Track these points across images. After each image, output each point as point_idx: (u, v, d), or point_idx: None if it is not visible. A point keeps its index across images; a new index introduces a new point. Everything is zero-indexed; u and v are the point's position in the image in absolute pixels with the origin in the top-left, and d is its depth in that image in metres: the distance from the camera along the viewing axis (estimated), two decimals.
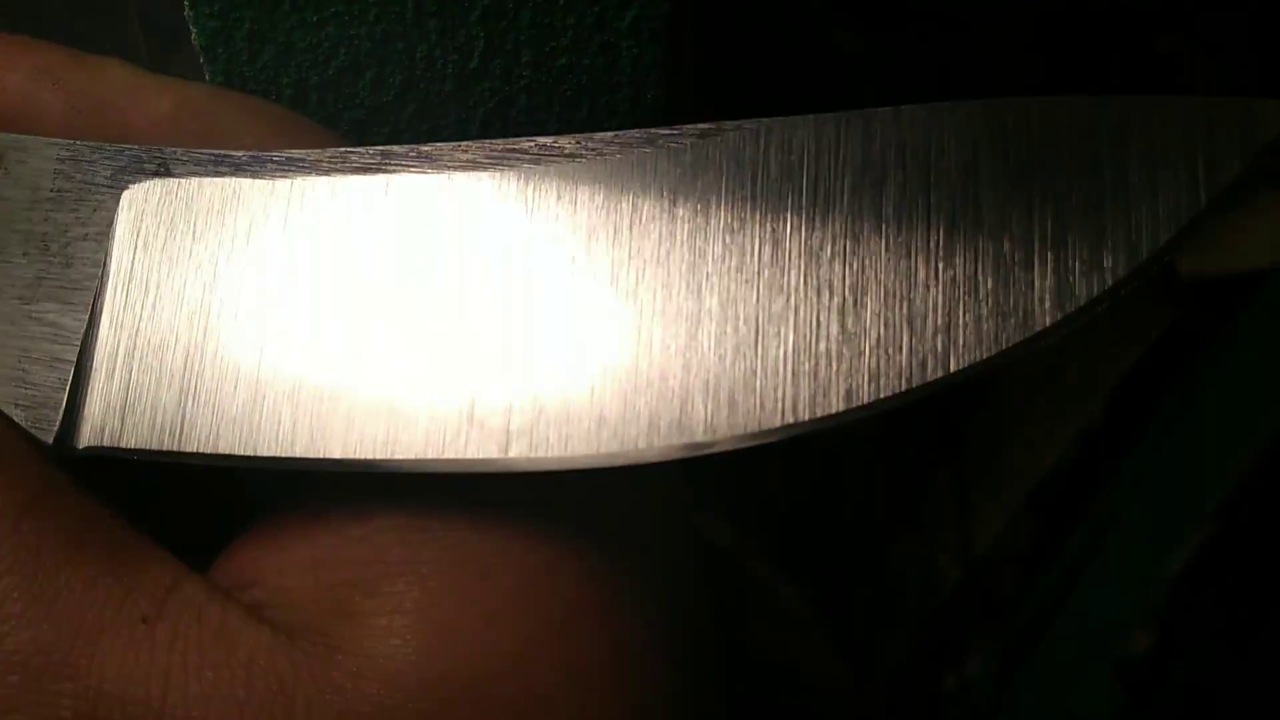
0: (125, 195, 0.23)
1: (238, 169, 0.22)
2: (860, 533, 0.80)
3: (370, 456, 0.20)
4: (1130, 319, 0.65)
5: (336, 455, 0.20)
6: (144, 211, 0.22)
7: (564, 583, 0.21)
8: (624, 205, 0.20)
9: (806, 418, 0.19)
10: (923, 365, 0.19)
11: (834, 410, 0.19)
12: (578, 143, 0.21)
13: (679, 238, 0.20)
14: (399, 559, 0.21)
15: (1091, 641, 0.76)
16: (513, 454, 0.20)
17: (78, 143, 0.23)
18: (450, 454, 0.20)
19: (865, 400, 0.19)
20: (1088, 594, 0.75)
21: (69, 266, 0.22)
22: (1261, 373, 0.68)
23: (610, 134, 0.21)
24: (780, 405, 0.19)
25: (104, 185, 0.23)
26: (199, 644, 0.20)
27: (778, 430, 0.19)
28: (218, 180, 0.22)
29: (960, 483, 0.73)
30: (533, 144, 0.21)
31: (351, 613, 0.21)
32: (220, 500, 0.24)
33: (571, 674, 0.21)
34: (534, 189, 0.21)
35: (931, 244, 0.19)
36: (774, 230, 0.20)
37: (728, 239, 0.20)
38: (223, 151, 0.22)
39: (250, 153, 0.22)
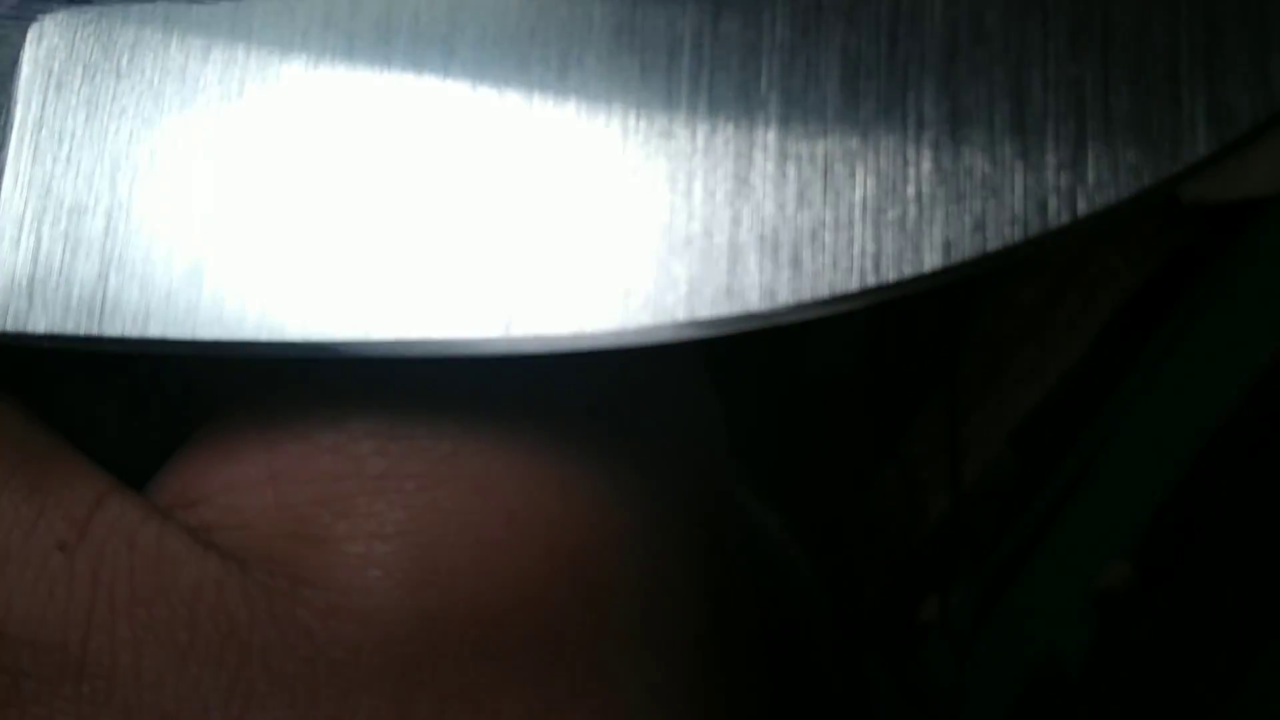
0: (33, 28, 0.18)
1: None
2: (847, 465, 0.78)
3: (338, 337, 0.16)
4: (1129, 248, 0.63)
5: (295, 337, 0.16)
6: (56, 47, 0.18)
7: (578, 504, 0.17)
8: (653, 16, 0.16)
9: (893, 278, 0.15)
10: (1042, 208, 0.15)
11: (928, 268, 0.15)
12: None
13: (723, 51, 0.16)
14: (378, 473, 0.17)
15: (1070, 574, 0.75)
16: (516, 332, 0.16)
17: None
18: (439, 333, 0.16)
19: (968, 254, 0.15)
20: (1068, 528, 0.74)
21: None
22: (1248, 310, 0.66)
23: None
24: (859, 263, 0.15)
25: (7, 16, 0.19)
26: (130, 575, 0.17)
27: (857, 295, 0.15)
28: (146, 6, 0.18)
29: (950, 418, 0.71)
30: None
31: (320, 537, 0.17)
32: (158, 404, 0.20)
33: (588, 610, 0.17)
34: None
35: (1049, 54, 0.15)
36: (845, 47, 0.16)
37: (786, 57, 0.16)
38: None
39: None
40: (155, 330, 0.17)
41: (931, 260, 0.15)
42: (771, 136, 0.15)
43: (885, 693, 0.78)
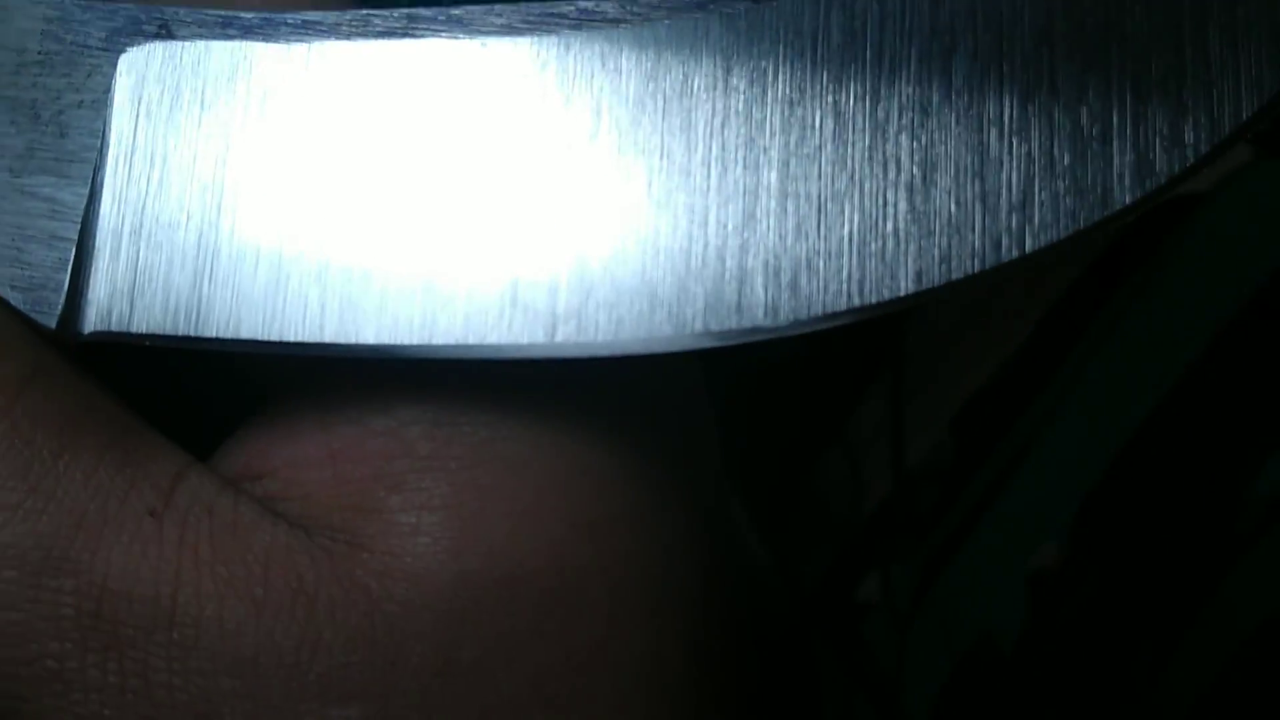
0: (123, 59, 0.21)
1: (248, 32, 0.21)
2: (792, 447, 0.80)
3: (406, 341, 0.19)
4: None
5: (370, 341, 0.19)
6: (145, 77, 0.21)
7: (596, 483, 0.20)
8: (674, 74, 0.19)
9: (874, 300, 0.18)
10: (997, 245, 0.18)
11: (903, 293, 0.18)
12: (622, 7, 0.19)
13: (734, 109, 0.19)
14: (426, 453, 0.20)
15: (1005, 555, 0.78)
16: (559, 338, 0.18)
17: (66, 1, 0.21)
18: (493, 339, 0.19)
19: (936, 282, 0.18)
20: (1003, 511, 0.77)
21: (63, 136, 0.21)
22: (1180, 304, 0.69)
23: None
24: (846, 287, 0.18)
25: (98, 48, 0.21)
26: (210, 538, 0.19)
27: (844, 313, 0.18)
28: (226, 44, 0.21)
29: (895, 402, 0.73)
30: (573, 8, 0.20)
31: (375, 509, 0.20)
32: (221, 386, 0.23)
33: (604, 577, 0.20)
34: (575, 56, 0.20)
35: (1005, 117, 0.18)
36: (836, 102, 0.19)
37: (787, 111, 0.19)
38: (230, 12, 0.21)
39: (261, 14, 0.21)
40: (245, 333, 0.19)
41: (906, 287, 0.18)
42: (774, 178, 0.19)
43: (828, 669, 0.81)
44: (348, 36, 0.20)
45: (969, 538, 0.80)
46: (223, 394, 0.23)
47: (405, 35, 0.20)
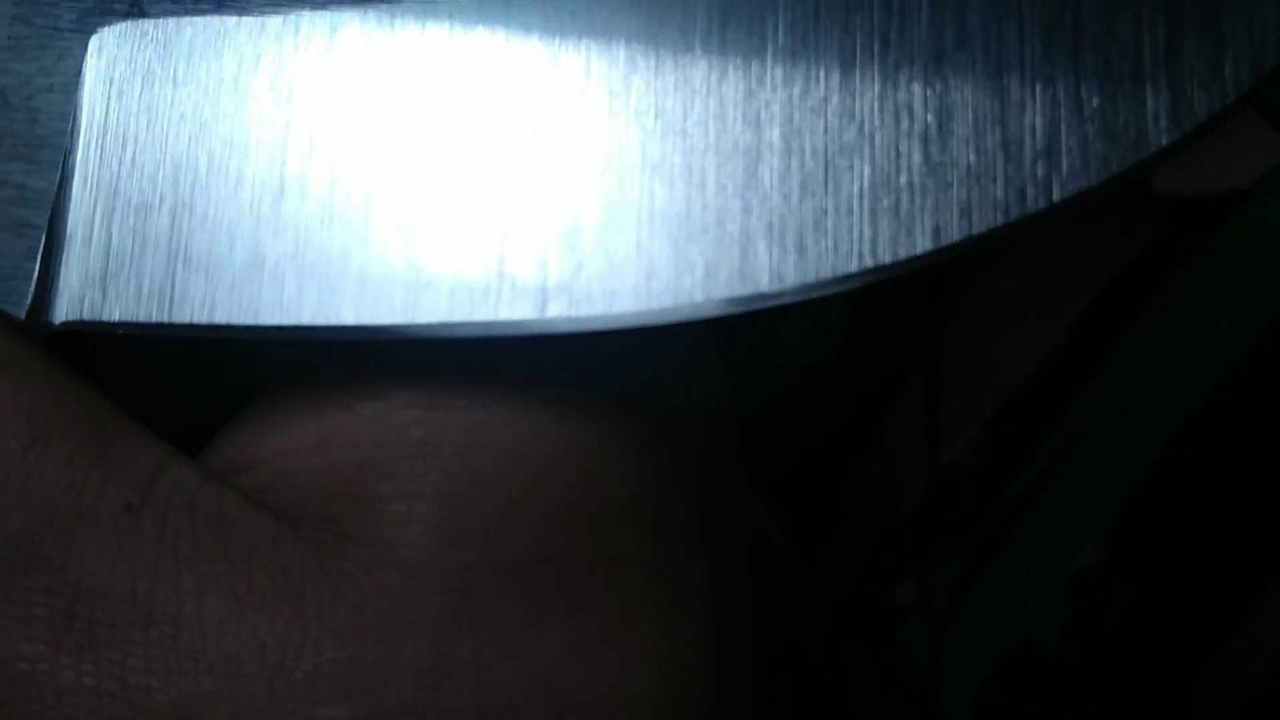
0: (93, 40, 0.20)
1: (220, 5, 0.20)
2: (827, 449, 0.79)
3: (389, 321, 0.18)
4: (1105, 239, 0.64)
5: (350, 321, 0.18)
6: (116, 57, 0.20)
7: (603, 473, 0.19)
8: (669, 30, 0.18)
9: (889, 260, 0.16)
10: (1021, 195, 0.16)
11: (920, 250, 0.16)
12: None
13: (732, 64, 0.18)
14: (417, 439, 0.19)
15: (1044, 558, 0.77)
16: (551, 313, 0.17)
17: None
18: (480, 316, 0.17)
19: (956, 237, 0.16)
20: (1044, 512, 0.76)
21: (34, 122, 0.20)
22: (1221, 302, 0.67)
23: None
24: (858, 247, 0.17)
25: (69, 30, 0.20)
26: (191, 533, 0.18)
27: (856, 275, 0.17)
28: (198, 19, 0.20)
29: (929, 403, 0.72)
30: None
31: (364, 497, 0.19)
32: (209, 379, 0.22)
33: (608, 564, 0.19)
34: (564, 16, 0.18)
35: (1026, 59, 0.17)
36: (842, 50, 0.17)
37: (789, 63, 0.17)
38: None
39: None
40: (221, 317, 0.18)
41: (923, 243, 0.16)
42: (776, 133, 0.17)
43: (863, 672, 0.79)
44: (323, 5, 0.19)
45: (1008, 540, 0.79)
46: (213, 386, 0.22)
47: (381, 1, 0.19)
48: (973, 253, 0.16)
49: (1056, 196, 0.16)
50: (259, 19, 0.19)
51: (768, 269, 0.17)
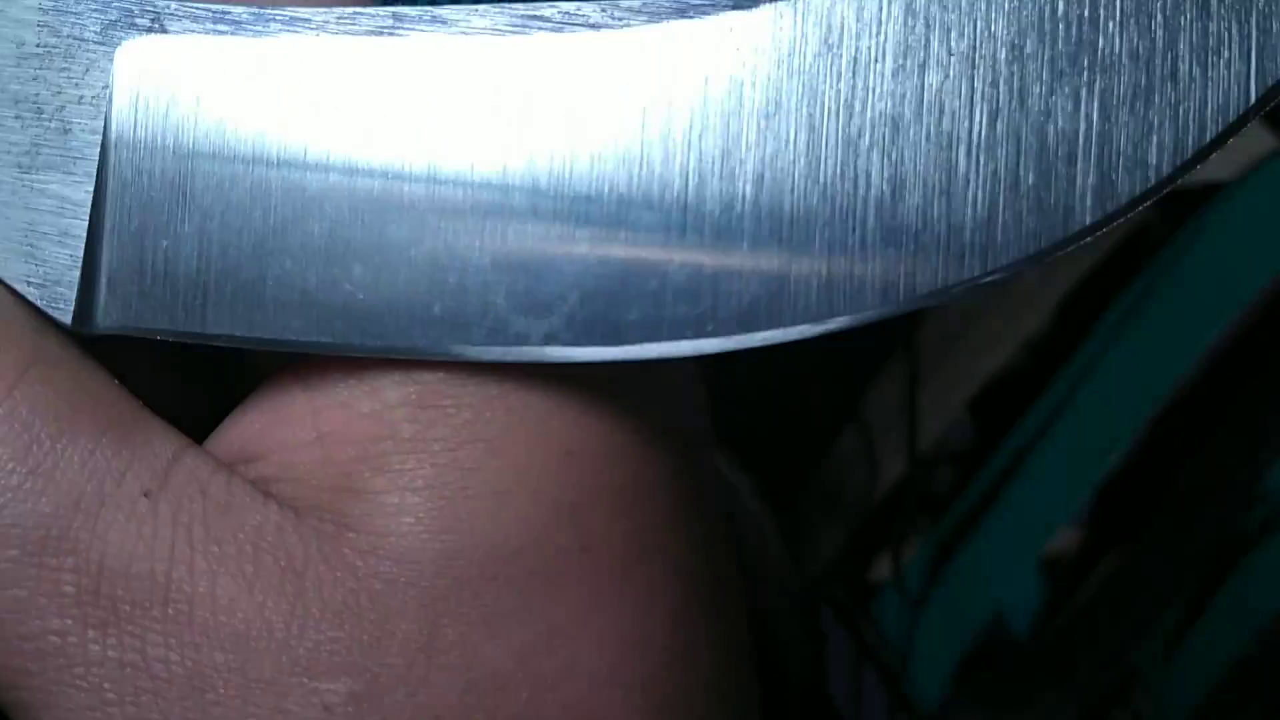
0: (119, 55, 0.21)
1: (238, 27, 0.21)
2: (810, 426, 0.81)
3: (416, 345, 0.19)
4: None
5: (368, 342, 0.19)
6: (141, 73, 0.21)
7: (578, 466, 0.21)
8: (651, 80, 0.20)
9: (842, 315, 0.18)
10: (960, 263, 0.18)
11: (869, 308, 0.18)
12: (603, 11, 0.20)
13: (711, 118, 0.19)
14: (409, 435, 0.20)
15: (1020, 538, 0.78)
16: (550, 351, 0.19)
17: None
18: (498, 344, 0.19)
19: (900, 299, 0.18)
20: (1021, 493, 0.77)
21: (67, 133, 0.21)
22: (1199, 289, 0.68)
23: (639, 2, 0.20)
24: (814, 301, 0.18)
25: (94, 41, 0.21)
26: (204, 518, 0.20)
27: (815, 327, 0.18)
28: (217, 39, 0.21)
29: (910, 382, 0.74)
30: (555, 11, 0.20)
31: (361, 490, 0.20)
32: (210, 367, 0.23)
33: (584, 553, 0.21)
34: (555, 60, 0.20)
35: (975, 135, 0.19)
36: (810, 115, 0.19)
37: (763, 123, 0.19)
38: (221, 7, 0.21)
39: (251, 9, 0.21)
40: (252, 330, 0.20)
41: (873, 301, 0.18)
42: (749, 191, 0.19)
43: (839, 647, 0.81)
44: (335, 34, 0.21)
45: (984, 520, 0.80)
46: (219, 371, 0.23)
47: (391, 34, 0.21)
48: (913, 310, 0.18)
49: (990, 265, 0.18)
50: (278, 39, 0.21)
51: (737, 317, 0.19)
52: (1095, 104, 0.18)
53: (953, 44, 0.19)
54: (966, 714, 0.83)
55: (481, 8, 0.20)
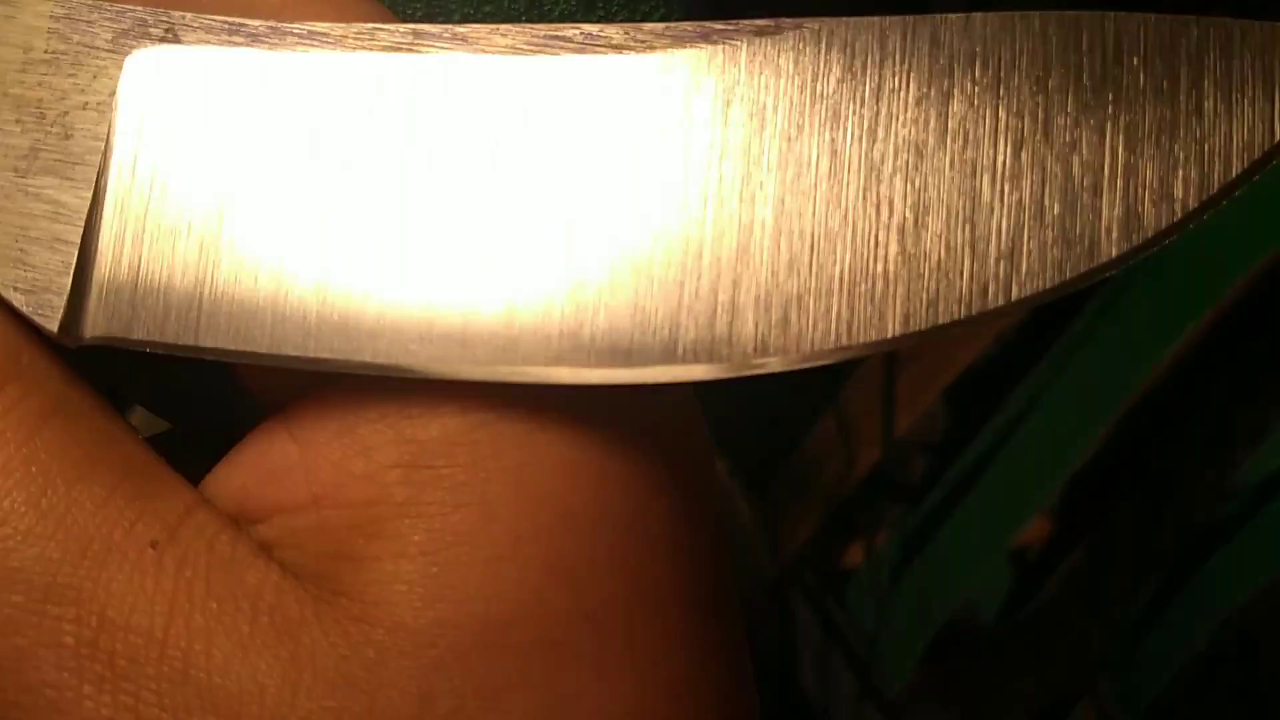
0: (129, 62, 0.21)
1: (254, 39, 0.21)
2: (782, 414, 0.81)
3: (404, 363, 0.19)
4: None
5: (367, 359, 0.19)
6: (150, 82, 0.21)
7: (578, 529, 0.20)
8: (673, 103, 0.19)
9: (861, 341, 0.18)
10: (984, 291, 0.18)
11: (890, 335, 0.18)
12: (626, 34, 0.20)
13: (732, 142, 0.19)
14: (402, 500, 0.20)
15: (991, 528, 0.79)
16: (556, 371, 0.19)
17: None
18: (483, 362, 0.19)
19: (923, 326, 0.18)
20: (993, 483, 0.78)
21: (68, 138, 0.21)
22: (1171, 285, 0.69)
23: (661, 26, 0.20)
24: (835, 327, 0.18)
25: (104, 49, 0.21)
26: (207, 574, 0.20)
27: (831, 352, 0.18)
28: (232, 51, 0.21)
29: (887, 371, 0.74)
30: (577, 31, 0.20)
31: (356, 556, 0.20)
32: (204, 398, 0.23)
33: (585, 621, 0.20)
34: (577, 81, 0.20)
35: (999, 164, 0.19)
36: (833, 140, 0.19)
37: (784, 147, 0.19)
38: (238, 20, 0.21)
39: (268, 23, 0.21)
40: (244, 344, 0.20)
41: (893, 329, 0.18)
42: (769, 214, 0.19)
43: (810, 631, 0.82)
44: (353, 49, 0.20)
45: (956, 509, 0.81)
46: (213, 405, 0.23)
47: (410, 50, 0.20)
48: (936, 340, 0.18)
49: (1015, 296, 0.18)
50: (292, 56, 0.21)
51: (752, 340, 0.18)
52: (1120, 137, 0.18)
53: (976, 74, 0.19)
54: (933, 700, 0.84)
55: (503, 27, 0.20)
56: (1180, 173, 0.18)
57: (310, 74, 0.20)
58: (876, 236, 0.18)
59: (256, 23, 0.21)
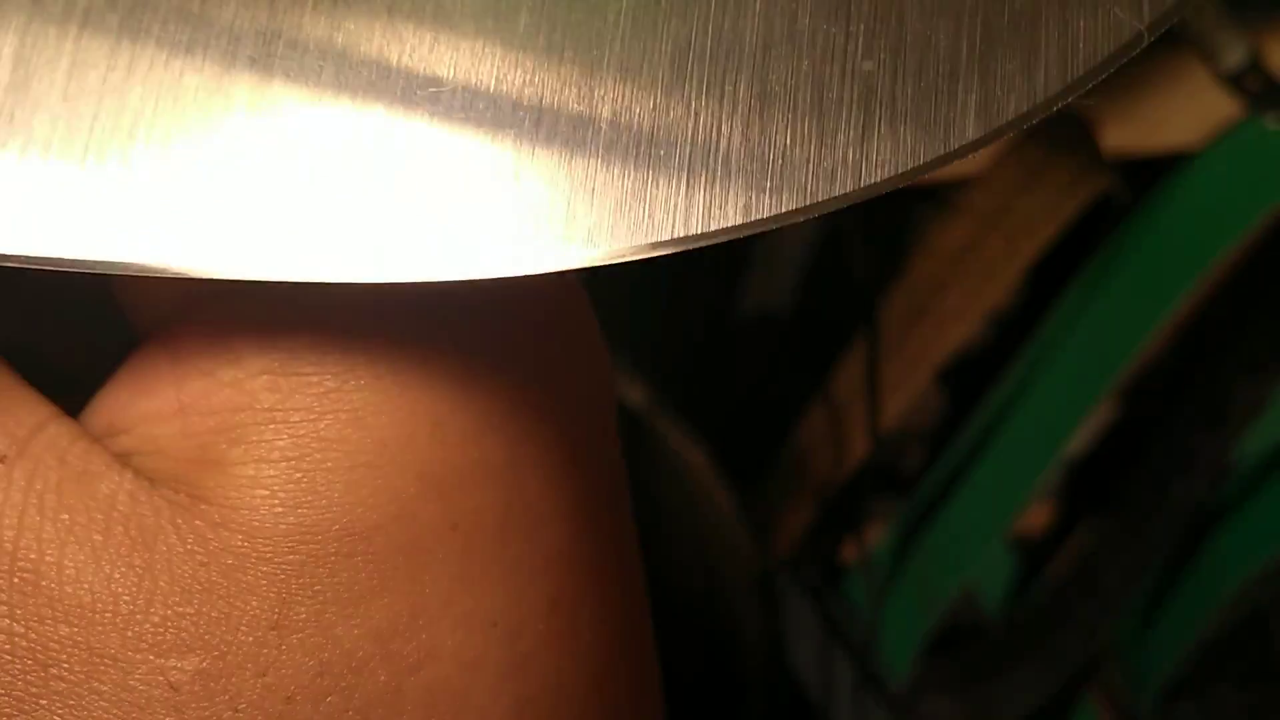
0: None
1: None
2: (770, 404, 0.80)
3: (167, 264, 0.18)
4: (1053, 193, 0.64)
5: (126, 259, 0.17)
6: None
7: (448, 438, 0.20)
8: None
9: (699, 230, 0.17)
10: (831, 178, 0.17)
11: (730, 224, 0.17)
12: None
13: (573, 33, 0.18)
14: (268, 405, 0.20)
15: (990, 514, 0.78)
16: (352, 272, 0.18)
17: None
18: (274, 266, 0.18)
19: (763, 214, 0.17)
20: (989, 469, 0.77)
21: None
22: (1164, 258, 0.68)
23: None
24: (671, 217, 0.17)
25: None
26: (58, 486, 0.19)
27: (668, 243, 0.17)
28: None
29: (873, 357, 0.73)
30: None
31: (217, 461, 0.20)
32: (85, 327, 0.22)
33: (452, 530, 0.20)
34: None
35: (849, 52, 0.18)
36: (678, 31, 0.18)
37: (629, 35, 0.18)
38: None
39: None
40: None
41: (733, 217, 0.17)
42: (608, 109, 0.18)
43: (807, 626, 0.81)
44: None
45: (953, 496, 0.80)
46: (96, 333, 0.23)
47: None
48: (783, 226, 0.17)
49: (865, 181, 0.17)
50: None
51: (585, 230, 0.18)
52: (978, 25, 0.18)
53: None
54: (936, 691, 0.83)
55: None
56: (1043, 59, 0.17)
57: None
58: (719, 126, 0.18)
59: None
